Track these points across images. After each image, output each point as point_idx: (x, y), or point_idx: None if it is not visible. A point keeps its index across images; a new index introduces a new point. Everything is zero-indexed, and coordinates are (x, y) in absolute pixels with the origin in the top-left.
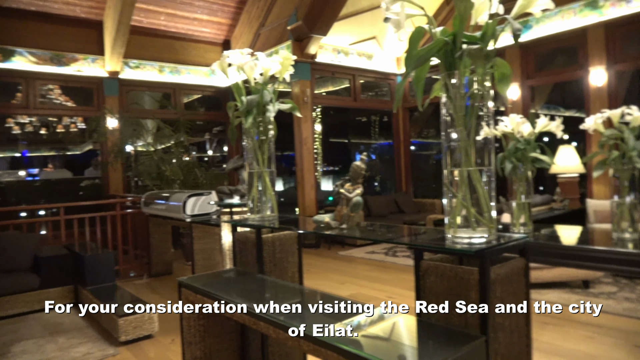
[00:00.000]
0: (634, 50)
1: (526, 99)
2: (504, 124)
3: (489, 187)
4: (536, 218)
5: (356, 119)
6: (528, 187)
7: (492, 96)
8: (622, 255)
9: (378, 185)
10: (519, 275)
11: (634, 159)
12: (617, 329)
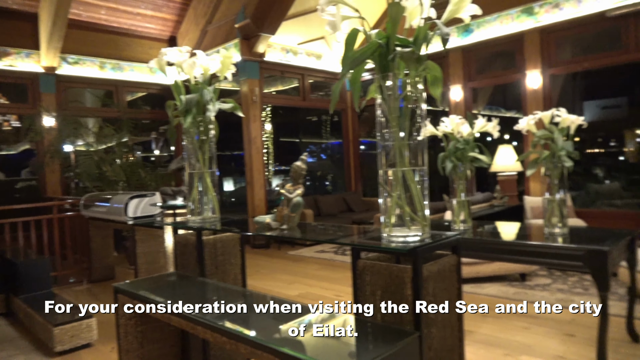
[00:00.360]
0: (566, 55)
1: (468, 101)
2: (445, 124)
3: (422, 186)
4: (477, 215)
5: (307, 118)
6: (468, 185)
7: (425, 98)
8: (551, 249)
9: (330, 185)
10: (451, 272)
11: (562, 158)
12: (551, 319)
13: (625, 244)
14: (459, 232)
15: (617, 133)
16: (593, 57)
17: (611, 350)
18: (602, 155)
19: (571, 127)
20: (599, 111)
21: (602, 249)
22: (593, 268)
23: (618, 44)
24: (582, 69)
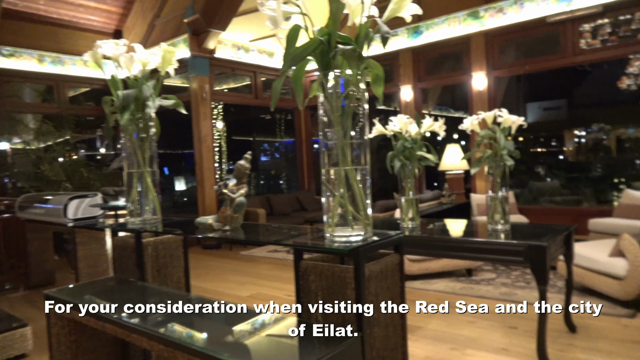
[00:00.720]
0: (510, 58)
1: (418, 101)
2: (393, 123)
3: (364, 185)
4: (427, 212)
5: (260, 116)
6: (418, 183)
7: (367, 97)
8: (494, 246)
9: (284, 184)
10: (394, 271)
11: (504, 157)
12: (495, 313)
13: (563, 238)
14: (401, 231)
15: (557, 133)
16: (534, 61)
17: (550, 341)
18: (544, 155)
19: (512, 127)
20: (540, 112)
21: (540, 245)
22: (532, 263)
23: (557, 49)
24: (524, 72)
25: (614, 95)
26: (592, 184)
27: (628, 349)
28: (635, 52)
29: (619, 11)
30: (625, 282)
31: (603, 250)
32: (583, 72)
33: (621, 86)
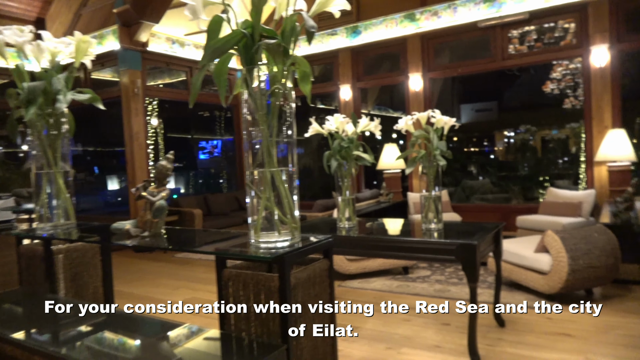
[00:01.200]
0: (444, 60)
1: (357, 100)
2: (329, 123)
3: (291, 187)
4: (365, 211)
5: (199, 113)
6: (357, 182)
7: (293, 95)
8: (427, 245)
9: (225, 183)
10: (322, 277)
11: (437, 157)
12: (429, 309)
13: (492, 236)
14: (330, 236)
15: (489, 134)
16: (466, 64)
17: (480, 336)
18: (477, 154)
19: (445, 127)
20: (473, 113)
21: (471, 243)
22: (463, 261)
23: (488, 53)
24: (457, 74)
25: (540, 99)
26: (520, 182)
27: (553, 341)
28: (557, 59)
29: (543, 19)
30: (549, 276)
31: (529, 246)
32: (512, 76)
33: (546, 90)
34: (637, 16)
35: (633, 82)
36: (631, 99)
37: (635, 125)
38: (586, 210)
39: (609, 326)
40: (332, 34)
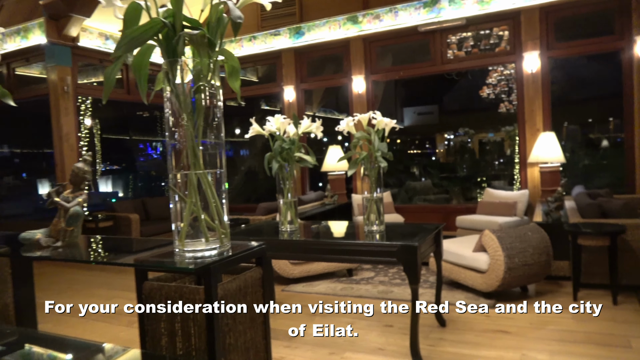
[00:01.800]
0: (386, 63)
1: (301, 102)
2: (270, 124)
3: (220, 191)
4: (310, 213)
5: (137, 113)
6: (295, 184)
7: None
8: (369, 247)
9: (166, 186)
10: (255, 287)
11: (378, 159)
12: (373, 312)
13: (433, 237)
14: (263, 243)
15: (430, 136)
16: (407, 67)
17: (423, 336)
18: (419, 156)
19: (386, 129)
20: (415, 117)
21: (412, 245)
22: (405, 263)
23: (428, 57)
24: (399, 77)
25: (477, 103)
26: (460, 183)
27: (491, 339)
28: (493, 64)
29: (479, 25)
30: (487, 275)
31: (468, 246)
32: (451, 80)
33: (482, 95)
34: (565, 26)
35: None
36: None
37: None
38: (520, 210)
39: (543, 322)
40: (276, 34)
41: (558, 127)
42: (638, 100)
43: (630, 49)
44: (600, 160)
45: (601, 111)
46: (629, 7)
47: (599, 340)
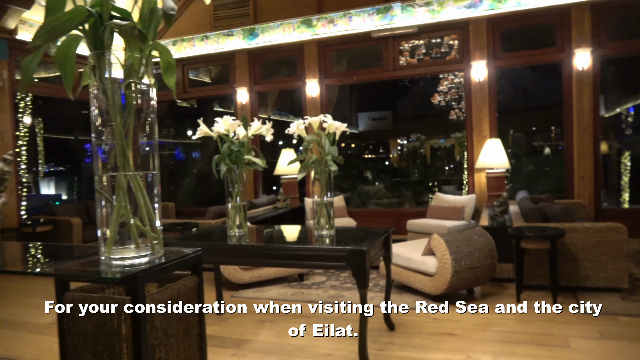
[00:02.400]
0: (340, 67)
1: (254, 104)
2: (218, 125)
3: (152, 194)
4: (262, 217)
5: (82, 112)
6: (244, 188)
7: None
8: (317, 252)
9: None
10: (190, 296)
11: (328, 163)
12: (323, 317)
13: (382, 241)
14: (199, 249)
15: (384, 141)
16: (361, 72)
17: (371, 341)
18: (373, 160)
19: (337, 132)
20: (370, 122)
21: (360, 249)
22: (353, 267)
23: (380, 62)
24: (352, 82)
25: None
26: (412, 187)
27: (438, 341)
28: (444, 72)
29: (430, 33)
30: (435, 278)
31: (417, 249)
32: (405, 87)
33: (434, 102)
34: (511, 37)
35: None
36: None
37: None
38: (468, 214)
39: (488, 323)
40: (229, 34)
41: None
42: (577, 110)
43: (570, 61)
44: (544, 167)
45: (545, 120)
46: (569, 21)
47: (540, 341)
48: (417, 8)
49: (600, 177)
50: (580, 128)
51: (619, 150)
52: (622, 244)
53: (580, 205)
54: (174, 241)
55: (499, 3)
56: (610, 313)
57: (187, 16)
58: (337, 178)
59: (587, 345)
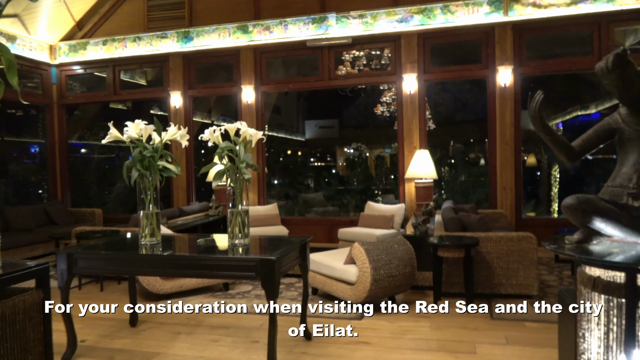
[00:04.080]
0: (278, 75)
1: (188, 108)
2: (129, 129)
3: None
4: (192, 225)
5: (8, 111)
6: (157, 194)
7: None
8: (227, 262)
9: (46, 193)
10: (31, 313)
11: (242, 171)
12: (242, 327)
13: (298, 250)
14: (45, 263)
15: (331, 149)
16: (297, 80)
17: (286, 351)
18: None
19: (253, 140)
20: (317, 130)
21: (270, 259)
22: (262, 277)
23: (316, 71)
24: (288, 90)
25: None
26: (357, 195)
27: (352, 350)
28: (377, 83)
29: (364, 45)
30: (356, 286)
31: (340, 258)
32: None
33: (377, 112)
34: (439, 52)
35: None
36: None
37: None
38: (398, 223)
39: (403, 331)
40: (162, 36)
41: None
42: (499, 124)
43: (494, 78)
44: (479, 178)
45: (481, 132)
46: (493, 39)
47: (449, 348)
48: (352, 20)
49: (521, 189)
50: (503, 141)
51: (549, 163)
52: (533, 252)
53: (502, 214)
54: (79, 250)
55: (428, 19)
56: (518, 319)
57: (120, 15)
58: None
59: (492, 350)
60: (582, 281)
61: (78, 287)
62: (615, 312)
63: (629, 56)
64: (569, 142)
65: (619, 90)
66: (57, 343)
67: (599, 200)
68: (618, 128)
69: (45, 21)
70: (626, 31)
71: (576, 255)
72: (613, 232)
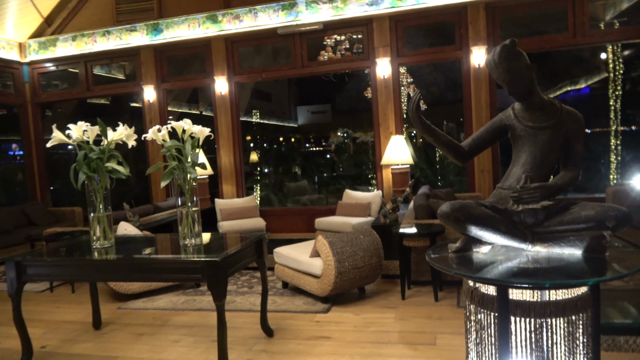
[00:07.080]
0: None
1: (162, 102)
2: (71, 131)
3: None
4: (167, 221)
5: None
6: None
7: None
8: (171, 264)
9: (7, 194)
10: None
11: (188, 170)
12: (207, 326)
13: (254, 247)
14: None
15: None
16: (270, 69)
17: (245, 349)
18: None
19: (200, 137)
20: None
21: (214, 260)
22: (208, 279)
23: (289, 60)
24: (261, 79)
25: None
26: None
27: (311, 346)
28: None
29: (336, 30)
30: (321, 279)
31: (306, 251)
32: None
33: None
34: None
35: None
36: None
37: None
38: (375, 210)
39: (366, 323)
40: (132, 29)
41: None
42: (475, 105)
43: (468, 59)
44: None
45: None
46: (466, 20)
47: (410, 339)
48: (322, 5)
49: (499, 171)
50: (479, 123)
51: None
52: None
53: (479, 198)
54: (28, 257)
55: (399, 1)
56: None
57: (88, 10)
58: (276, 174)
59: (452, 341)
60: (464, 291)
61: (50, 289)
62: (490, 325)
63: (518, 47)
64: (457, 142)
65: (507, 84)
66: (16, 350)
67: (476, 206)
68: (510, 125)
69: (12, 18)
70: (605, 5)
71: (451, 270)
72: (491, 240)
